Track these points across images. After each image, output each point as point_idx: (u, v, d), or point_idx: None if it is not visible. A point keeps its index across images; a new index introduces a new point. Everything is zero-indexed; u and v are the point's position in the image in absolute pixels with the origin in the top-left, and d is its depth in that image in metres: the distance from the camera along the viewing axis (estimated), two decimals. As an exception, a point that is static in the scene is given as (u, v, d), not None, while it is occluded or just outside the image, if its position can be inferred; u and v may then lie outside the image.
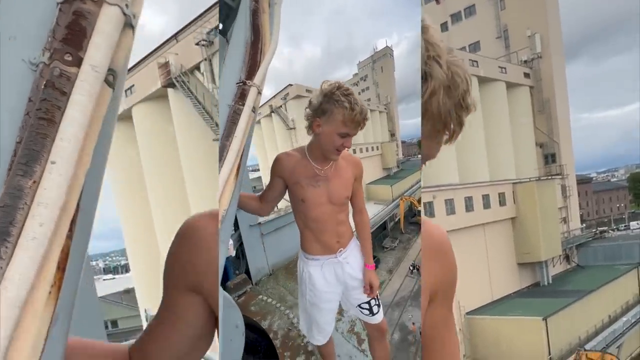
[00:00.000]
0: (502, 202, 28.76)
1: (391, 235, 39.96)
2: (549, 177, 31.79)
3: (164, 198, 23.65)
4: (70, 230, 0.54)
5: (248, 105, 1.27)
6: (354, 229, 2.51)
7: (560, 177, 33.13)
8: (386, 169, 57.34)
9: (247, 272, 6.35)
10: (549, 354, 23.17)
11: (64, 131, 0.51)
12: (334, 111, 2.00)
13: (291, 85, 42.71)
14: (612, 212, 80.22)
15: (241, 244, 6.26)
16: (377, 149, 62.43)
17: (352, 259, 2.41)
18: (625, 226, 64.83)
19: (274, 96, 43.56)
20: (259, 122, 40.39)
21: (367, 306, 2.46)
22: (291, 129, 41.64)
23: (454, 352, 1.06)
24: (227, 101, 1.30)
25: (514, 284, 29.75)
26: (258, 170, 43.94)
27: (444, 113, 0.70)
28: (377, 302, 2.48)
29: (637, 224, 67.37)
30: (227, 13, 2.03)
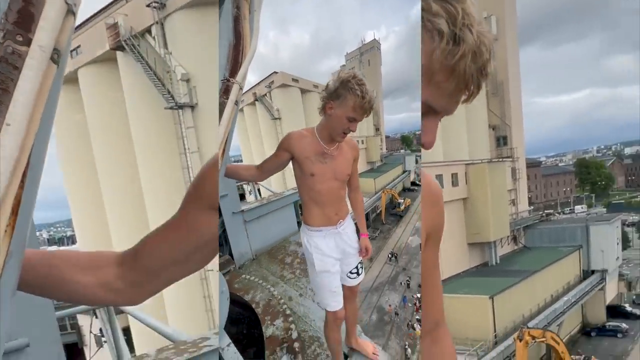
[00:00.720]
0: (454, 183, 29.88)
1: (372, 225, 40.69)
2: (500, 160, 33.23)
3: (112, 167, 22.94)
4: (22, 181, 0.68)
5: (231, 99, 1.52)
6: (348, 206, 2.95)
7: (510, 159, 34.66)
8: (370, 163, 58.25)
9: (231, 257, 6.54)
10: (495, 331, 24.67)
11: (17, 99, 0.65)
12: (347, 97, 2.37)
13: (276, 72, 41.93)
14: (558, 196, 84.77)
15: (224, 231, 6.38)
16: (362, 143, 63.33)
17: (349, 230, 2.90)
18: (570, 210, 69.27)
19: (258, 83, 42.39)
20: (241, 110, 39.37)
21: (355, 270, 2.99)
22: (276, 119, 40.81)
23: (439, 288, 1.35)
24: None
25: (464, 264, 31.12)
26: (241, 160, 43.14)
27: (468, 75, 0.81)
28: (362, 266, 3.03)
29: (581, 208, 72.14)
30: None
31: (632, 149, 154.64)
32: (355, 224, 3.06)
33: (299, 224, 9.27)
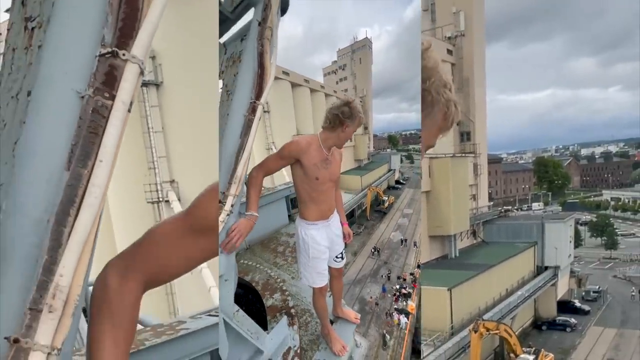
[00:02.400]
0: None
1: (357, 221, 41.42)
2: (463, 155, 34.17)
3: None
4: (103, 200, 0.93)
5: (257, 117, 2.07)
6: None
7: (473, 155, 35.57)
8: (357, 160, 58.71)
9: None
10: (452, 322, 25.69)
11: (106, 142, 0.90)
12: (357, 117, 3.12)
13: (267, 65, 41.21)
14: (517, 193, 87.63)
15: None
16: (351, 141, 63.70)
17: (335, 222, 3.57)
18: (527, 207, 72.21)
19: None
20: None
21: (340, 255, 3.69)
22: (265, 112, 40.08)
23: None
24: (242, 112, 2.07)
25: (425, 255, 32.24)
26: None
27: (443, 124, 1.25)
28: (345, 252, 3.73)
29: (538, 205, 75.25)
30: (224, 20, 2.51)
31: (588, 150, 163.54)
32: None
33: (289, 217, 9.58)
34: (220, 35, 2.82)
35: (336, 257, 3.66)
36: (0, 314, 0.85)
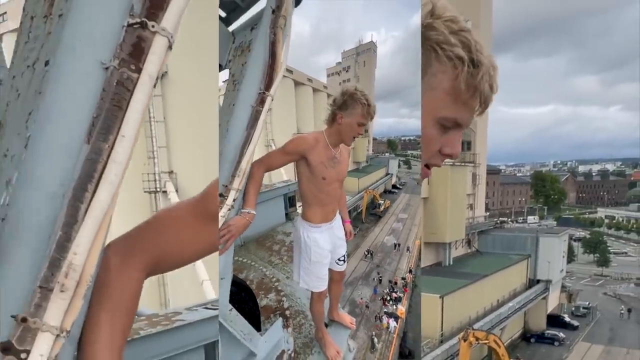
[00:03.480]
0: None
1: (352, 224, 41.36)
2: (463, 164, 34.24)
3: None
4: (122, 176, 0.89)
5: (265, 108, 1.95)
6: None
7: (472, 165, 35.78)
8: (356, 163, 58.90)
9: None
10: (442, 329, 25.81)
11: (129, 116, 0.85)
12: (355, 106, 2.81)
13: (272, 61, 41.43)
14: (513, 205, 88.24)
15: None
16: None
17: (337, 224, 3.41)
18: (523, 219, 72.59)
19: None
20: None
21: (342, 258, 3.52)
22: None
23: None
24: (250, 102, 1.95)
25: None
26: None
27: (486, 92, 0.97)
28: (346, 256, 3.58)
29: (534, 218, 75.70)
30: (234, 8, 2.42)
31: (586, 167, 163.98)
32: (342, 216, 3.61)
33: (287, 215, 9.53)
34: (230, 23, 2.72)
35: (338, 260, 3.51)
36: (7, 291, 0.80)
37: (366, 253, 36.38)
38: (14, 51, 1.23)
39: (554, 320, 37.80)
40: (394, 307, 28.21)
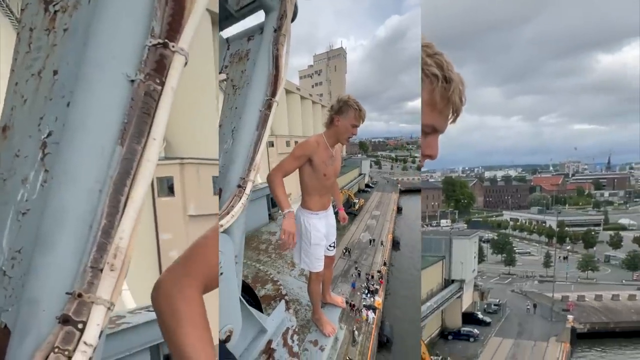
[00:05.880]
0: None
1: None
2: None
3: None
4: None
5: (272, 112, 2.25)
6: None
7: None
8: None
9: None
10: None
11: (157, 123, 1.00)
12: (349, 111, 3.29)
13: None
14: (427, 209, 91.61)
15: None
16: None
17: (331, 212, 3.84)
18: (436, 223, 75.21)
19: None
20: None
21: (333, 245, 3.95)
22: None
23: None
24: (258, 107, 2.22)
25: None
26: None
27: (457, 103, 1.14)
28: (335, 242, 4.00)
29: (446, 222, 78.61)
30: (227, 16, 2.64)
31: (491, 173, 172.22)
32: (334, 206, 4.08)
33: (270, 216, 9.51)
34: (221, 29, 2.95)
35: (329, 245, 3.91)
36: (57, 273, 0.92)
37: (344, 251, 36.98)
38: (14, 59, 1.31)
39: (469, 318, 38.98)
40: (372, 299, 28.90)
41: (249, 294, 4.63)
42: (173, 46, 1.02)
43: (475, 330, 37.05)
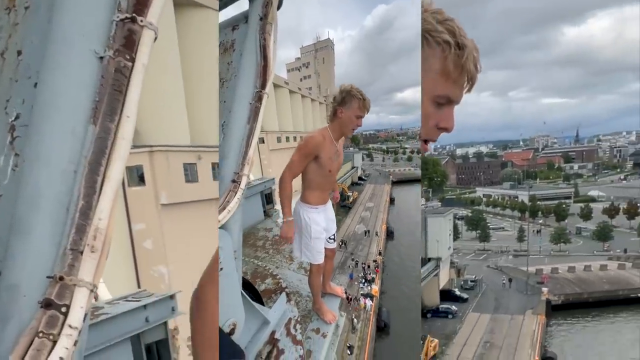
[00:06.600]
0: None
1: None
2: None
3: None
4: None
5: (263, 104, 2.17)
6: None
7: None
8: None
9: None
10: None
11: (130, 99, 0.97)
12: (352, 101, 3.15)
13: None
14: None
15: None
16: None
17: (329, 205, 3.81)
18: None
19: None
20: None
21: (332, 237, 3.91)
22: None
23: None
24: (248, 100, 2.14)
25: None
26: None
27: (472, 70, 1.09)
28: (335, 235, 3.97)
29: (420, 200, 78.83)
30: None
31: (463, 150, 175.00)
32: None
33: (265, 212, 9.42)
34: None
35: (329, 238, 3.88)
36: (35, 256, 0.90)
37: (340, 243, 37.27)
38: None
39: (446, 295, 39.44)
40: (369, 288, 29.63)
41: (250, 290, 4.65)
42: (141, 20, 0.99)
43: (454, 307, 37.63)
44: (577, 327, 36.69)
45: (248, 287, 4.95)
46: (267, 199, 10.03)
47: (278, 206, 9.93)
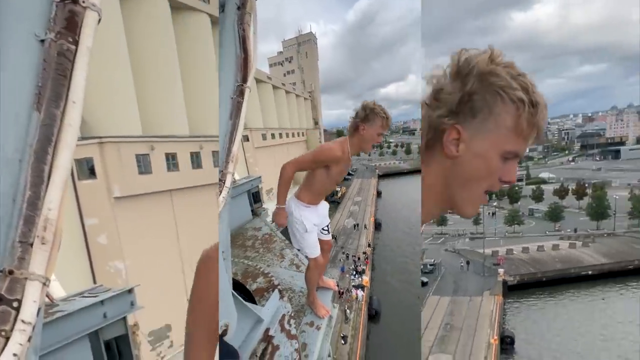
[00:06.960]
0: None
1: None
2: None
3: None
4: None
5: (245, 99, 2.11)
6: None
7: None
8: None
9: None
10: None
11: (76, 84, 0.93)
12: (376, 119, 3.23)
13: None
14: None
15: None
16: (303, 135, 63.57)
17: (322, 202, 3.88)
18: None
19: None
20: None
21: (326, 229, 4.01)
22: None
23: None
24: (229, 95, 2.07)
25: None
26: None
27: (542, 126, 1.07)
28: (329, 227, 4.05)
29: None
30: None
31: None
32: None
33: (252, 212, 9.25)
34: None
35: (322, 229, 3.99)
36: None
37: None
38: None
39: None
40: (360, 279, 30.31)
41: (241, 291, 4.61)
42: (83, 2, 0.95)
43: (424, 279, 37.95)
44: (532, 306, 37.66)
45: (239, 287, 4.92)
46: (255, 197, 9.79)
47: (266, 205, 9.81)
